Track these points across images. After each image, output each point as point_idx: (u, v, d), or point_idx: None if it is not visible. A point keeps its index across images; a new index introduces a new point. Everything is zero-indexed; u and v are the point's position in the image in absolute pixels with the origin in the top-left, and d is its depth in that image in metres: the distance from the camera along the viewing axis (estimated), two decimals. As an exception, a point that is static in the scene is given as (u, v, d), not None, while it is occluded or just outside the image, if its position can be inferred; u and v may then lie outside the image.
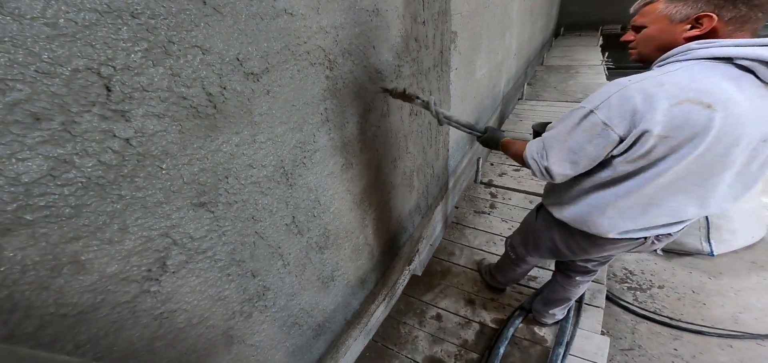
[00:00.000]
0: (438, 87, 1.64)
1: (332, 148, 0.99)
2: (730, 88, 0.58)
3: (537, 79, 4.84)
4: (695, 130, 0.61)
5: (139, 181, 0.51)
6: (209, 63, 0.56)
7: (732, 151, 0.63)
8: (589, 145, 0.70)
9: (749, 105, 0.59)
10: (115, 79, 0.44)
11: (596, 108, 0.68)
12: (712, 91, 0.59)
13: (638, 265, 2.11)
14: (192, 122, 0.56)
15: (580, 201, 0.85)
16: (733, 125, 0.60)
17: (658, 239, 0.86)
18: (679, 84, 0.60)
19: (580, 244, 0.96)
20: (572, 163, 0.74)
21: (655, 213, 0.76)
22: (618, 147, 0.68)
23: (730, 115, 0.59)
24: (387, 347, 1.59)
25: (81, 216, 0.46)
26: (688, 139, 0.62)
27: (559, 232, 1.01)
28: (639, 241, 0.86)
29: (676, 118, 0.60)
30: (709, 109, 0.59)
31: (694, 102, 0.59)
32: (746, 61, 0.58)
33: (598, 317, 1.60)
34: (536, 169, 0.80)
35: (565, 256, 1.08)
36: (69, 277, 0.49)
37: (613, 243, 0.88)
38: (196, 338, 0.76)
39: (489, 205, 2.43)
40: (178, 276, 0.66)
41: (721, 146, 0.62)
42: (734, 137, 0.61)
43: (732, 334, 1.68)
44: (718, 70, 0.60)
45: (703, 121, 0.59)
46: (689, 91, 0.59)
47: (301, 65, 0.78)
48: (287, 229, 0.90)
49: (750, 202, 1.98)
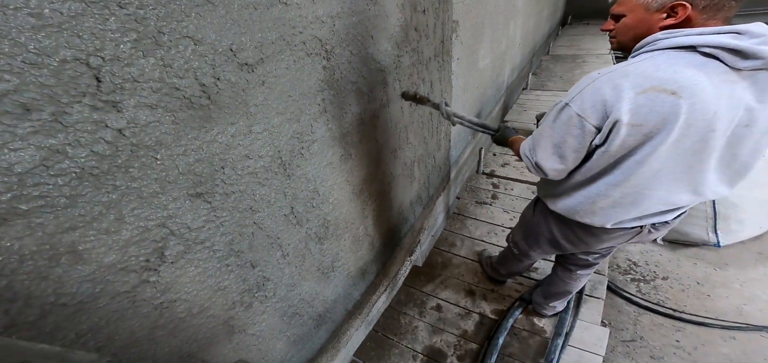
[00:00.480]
0: (439, 77, 1.62)
1: (331, 139, 0.98)
2: (695, 75, 0.60)
3: (542, 69, 4.75)
4: (663, 117, 0.62)
5: (133, 171, 0.51)
6: (202, 54, 0.56)
7: (710, 136, 0.64)
8: (569, 137, 0.73)
9: (716, 91, 0.60)
10: (104, 69, 0.44)
11: (571, 101, 0.71)
12: (675, 78, 0.60)
13: (643, 256, 2.09)
14: (186, 113, 0.56)
15: (573, 193, 0.86)
16: (702, 111, 0.61)
17: (654, 227, 0.88)
18: (643, 73, 0.63)
19: (579, 236, 0.97)
20: (559, 157, 0.77)
21: (646, 202, 0.77)
22: (597, 138, 0.70)
23: (698, 101, 0.60)
24: (387, 337, 1.61)
25: (76, 206, 0.46)
26: (659, 127, 0.64)
27: (557, 225, 1.02)
28: (634, 230, 0.88)
29: (642, 105, 0.63)
30: (674, 96, 0.60)
31: (659, 90, 0.61)
32: (709, 48, 0.60)
33: (598, 308, 1.60)
34: (529, 164, 0.84)
35: (565, 249, 1.08)
36: (67, 266, 0.49)
37: (610, 233, 0.89)
38: (197, 327, 0.77)
39: (491, 196, 2.42)
40: (177, 266, 0.66)
41: (695, 132, 0.64)
42: (707, 122, 0.62)
43: (735, 325, 1.66)
44: (683, 58, 0.62)
45: (669, 108, 0.61)
46: (653, 79, 0.62)
47: (297, 55, 0.77)
48: (286, 220, 0.91)
49: (760, 192, 1.92)
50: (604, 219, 0.84)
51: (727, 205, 1.92)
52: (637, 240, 0.93)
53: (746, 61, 0.58)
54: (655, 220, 0.84)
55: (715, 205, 1.93)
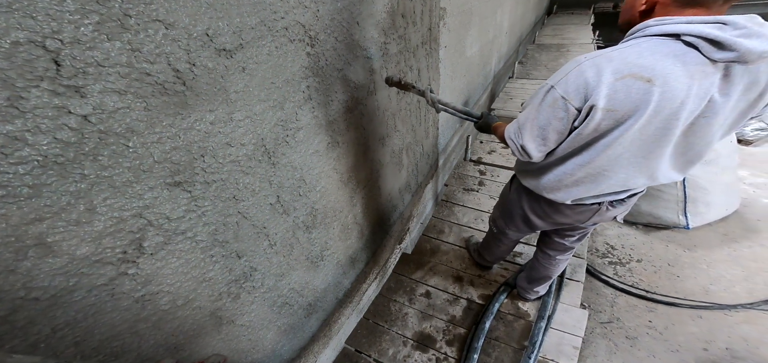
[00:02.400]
0: (427, 65, 1.61)
1: (316, 127, 0.96)
2: (671, 64, 0.61)
3: (528, 58, 4.79)
4: (636, 104, 0.64)
5: (103, 159, 0.49)
6: (174, 38, 0.53)
7: (672, 125, 0.67)
8: (554, 119, 0.74)
9: (689, 81, 0.61)
10: (64, 53, 0.41)
11: (556, 83, 0.72)
12: (653, 66, 0.62)
13: (619, 239, 2.18)
14: (159, 99, 0.53)
15: (545, 171, 0.91)
16: (670, 99, 0.63)
17: (612, 205, 0.94)
18: (625, 59, 0.64)
19: (545, 211, 1.04)
20: (542, 139, 0.79)
21: (606, 182, 0.82)
22: (577, 120, 0.72)
23: (669, 89, 0.62)
24: (378, 324, 1.63)
25: (41, 196, 0.43)
26: (630, 112, 0.65)
27: (527, 200, 1.08)
28: (594, 207, 0.95)
29: (618, 91, 0.64)
30: (648, 83, 0.62)
31: (636, 77, 0.62)
32: (691, 37, 0.60)
33: (578, 291, 1.67)
34: (514, 148, 0.85)
35: (535, 224, 1.14)
36: (36, 259, 0.47)
37: (572, 209, 0.96)
38: (183, 319, 0.75)
39: (478, 183, 2.45)
40: (157, 258, 0.64)
41: (660, 119, 0.66)
42: (673, 110, 0.64)
43: (702, 305, 1.77)
44: (666, 46, 0.63)
45: (642, 95, 0.63)
46: (633, 66, 0.63)
47: (279, 42, 0.74)
48: (272, 209, 0.89)
49: (726, 175, 2.03)
50: (566, 195, 0.89)
51: (697, 188, 2.02)
52: (598, 217, 1.00)
53: (721, 53, 0.59)
54: (611, 198, 0.91)
55: (686, 189, 2.02)
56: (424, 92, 1.13)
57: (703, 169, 1.97)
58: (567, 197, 0.90)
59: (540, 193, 0.96)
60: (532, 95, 0.81)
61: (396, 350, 1.52)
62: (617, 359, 1.58)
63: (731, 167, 2.03)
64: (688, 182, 2.00)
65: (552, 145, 0.80)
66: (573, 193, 0.88)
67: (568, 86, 0.70)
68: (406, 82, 1.16)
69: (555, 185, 0.89)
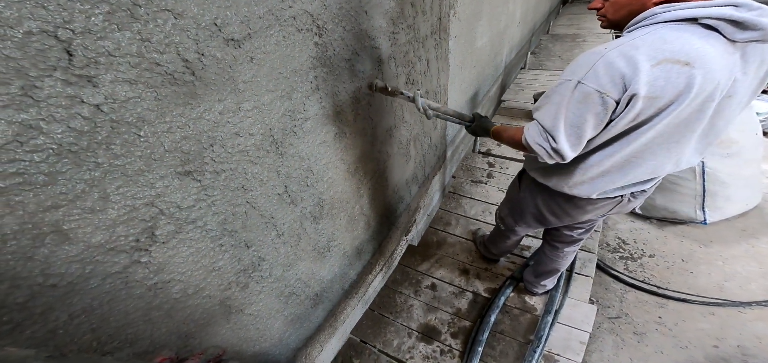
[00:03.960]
0: (436, 55, 1.58)
1: (324, 117, 0.96)
2: (704, 46, 0.60)
3: (541, 48, 4.67)
4: (679, 90, 0.62)
5: (115, 148, 0.49)
6: (183, 28, 0.52)
7: (707, 107, 0.66)
8: (589, 115, 0.69)
9: (721, 62, 0.61)
10: (75, 42, 0.41)
11: (583, 78, 0.67)
12: (687, 50, 0.60)
13: (631, 234, 2.14)
14: (169, 89, 0.53)
15: (568, 167, 0.85)
16: (710, 81, 0.62)
17: (633, 196, 0.90)
18: (653, 45, 0.62)
19: (563, 207, 0.98)
20: (577, 137, 0.72)
21: (635, 172, 0.79)
22: (614, 111, 0.68)
23: (709, 71, 0.61)
24: (383, 315, 1.64)
25: (57, 183, 0.44)
26: (673, 98, 0.63)
27: (542, 197, 1.03)
28: (616, 199, 0.90)
29: (658, 78, 0.62)
30: (687, 66, 0.60)
31: (672, 61, 0.60)
32: (711, 20, 0.60)
33: (587, 286, 1.65)
34: (544, 153, 0.76)
35: (549, 222, 1.10)
36: (53, 247, 0.48)
37: (594, 203, 0.91)
38: (194, 308, 0.77)
39: (486, 175, 2.43)
40: (169, 246, 0.66)
41: (698, 103, 0.65)
42: (710, 93, 0.64)
43: (715, 301, 1.73)
44: (687, 30, 0.61)
45: (685, 79, 0.61)
46: (664, 51, 0.61)
47: (286, 31, 0.73)
48: (280, 199, 0.90)
49: (749, 168, 1.95)
50: (591, 189, 0.85)
51: (716, 182, 1.95)
52: (617, 210, 0.95)
53: (744, 33, 0.59)
54: (635, 189, 0.86)
55: (705, 183, 1.96)
56: (413, 98, 1.06)
57: (725, 162, 1.89)
58: (592, 191, 0.85)
59: (560, 189, 0.91)
60: (548, 94, 0.76)
61: (400, 341, 1.54)
62: (624, 355, 1.57)
63: (755, 160, 1.94)
64: (708, 176, 1.93)
65: (584, 142, 0.74)
66: (599, 185, 0.83)
67: (600, 79, 0.65)
68: (392, 88, 1.08)
69: (579, 179, 0.84)
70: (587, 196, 0.87)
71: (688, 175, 1.96)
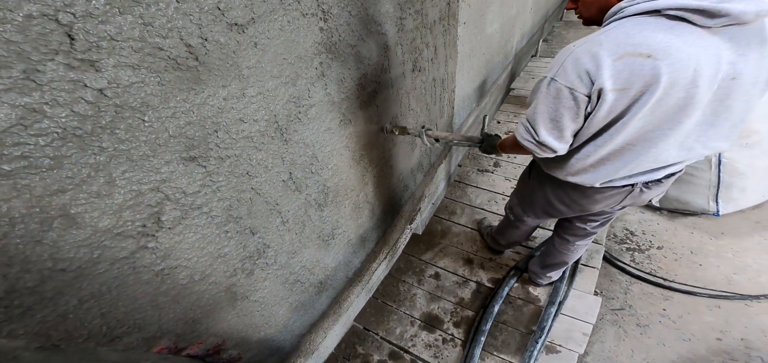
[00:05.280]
0: (444, 42, 1.54)
1: (329, 104, 0.95)
2: (664, 37, 0.61)
3: (554, 35, 4.53)
4: (645, 80, 0.64)
5: (120, 133, 0.49)
6: (186, 12, 0.51)
7: (694, 92, 0.65)
8: (564, 110, 0.73)
9: (691, 49, 0.61)
10: (76, 26, 0.40)
11: (555, 75, 0.72)
12: (648, 42, 0.62)
13: (640, 225, 2.11)
14: (172, 74, 0.53)
15: (568, 156, 0.88)
16: (683, 69, 0.62)
17: (646, 186, 0.90)
18: (615, 40, 0.65)
19: (572, 197, 1.00)
20: (558, 130, 0.77)
21: (637, 160, 0.79)
22: (589, 105, 0.72)
23: (675, 60, 0.61)
24: (387, 304, 1.66)
25: (62, 167, 0.44)
26: (644, 88, 0.65)
27: (551, 187, 1.04)
28: (626, 189, 0.90)
29: (621, 71, 0.64)
30: (650, 58, 0.62)
31: (634, 54, 0.63)
32: (673, 10, 0.61)
33: (592, 278, 1.64)
34: (534, 148, 0.83)
35: (559, 212, 1.11)
36: (61, 231, 0.49)
37: (601, 192, 0.92)
38: (200, 294, 0.78)
39: (493, 163, 2.40)
40: (175, 232, 0.66)
41: (680, 89, 0.65)
42: (690, 79, 0.63)
43: (722, 294, 1.70)
44: (650, 23, 0.63)
45: (650, 70, 0.62)
46: (626, 45, 0.63)
47: (291, 16, 0.72)
48: (284, 186, 0.90)
49: (766, 159, 1.88)
50: (594, 177, 0.86)
51: (733, 173, 1.88)
52: (631, 200, 0.95)
53: (713, 20, 0.60)
54: (646, 178, 0.86)
55: (721, 173, 1.90)
56: (420, 134, 1.18)
57: (743, 153, 1.82)
58: (595, 179, 0.86)
59: (566, 178, 0.92)
60: (532, 91, 0.81)
61: (403, 329, 1.56)
62: (625, 346, 1.56)
63: None
64: (724, 167, 1.87)
65: (569, 135, 0.78)
66: (601, 174, 0.84)
67: (568, 76, 0.70)
68: (400, 128, 1.21)
69: (579, 167, 0.86)
70: (591, 184, 0.88)
71: (703, 165, 1.91)
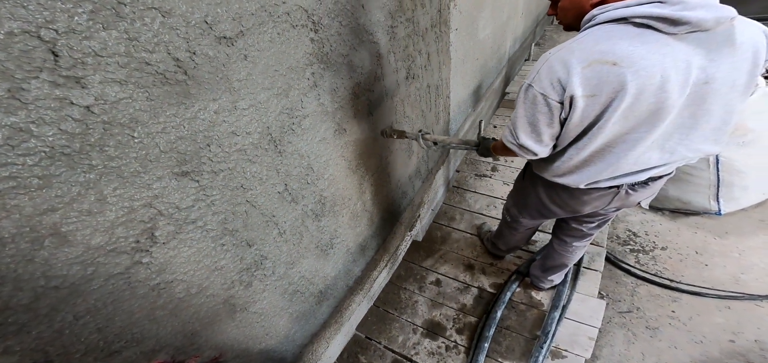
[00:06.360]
0: (436, 49, 1.55)
1: (323, 114, 0.95)
2: (629, 45, 0.63)
3: (546, 39, 4.57)
4: (613, 87, 0.66)
5: (109, 150, 0.49)
6: (172, 26, 0.52)
7: (665, 98, 0.66)
8: (540, 115, 0.76)
9: (656, 56, 0.63)
10: (60, 43, 0.41)
11: (532, 82, 0.75)
12: (613, 50, 0.64)
13: (642, 226, 2.08)
14: (161, 89, 0.53)
15: (554, 158, 0.90)
16: (648, 77, 0.64)
17: (632, 188, 0.91)
18: (585, 48, 0.67)
19: (562, 198, 1.02)
20: (536, 134, 0.80)
21: (619, 163, 0.80)
22: (563, 111, 0.74)
23: (640, 67, 0.63)
24: (388, 312, 1.64)
25: (52, 187, 0.45)
26: (613, 94, 0.67)
27: (543, 188, 1.06)
28: (612, 190, 0.92)
29: (590, 78, 0.66)
30: (616, 66, 0.64)
31: (601, 62, 0.65)
32: (639, 18, 0.63)
33: (595, 281, 1.62)
34: (516, 150, 0.86)
35: (552, 212, 1.12)
36: (53, 249, 0.49)
37: (588, 193, 0.94)
38: (198, 307, 0.78)
39: (491, 168, 2.40)
40: (170, 247, 0.66)
41: (649, 95, 0.66)
42: (658, 86, 0.65)
43: (731, 295, 1.67)
44: (618, 30, 0.65)
45: (616, 77, 0.64)
46: (594, 52, 0.66)
47: (281, 28, 0.73)
48: (280, 197, 0.90)
49: (764, 157, 1.86)
50: (579, 178, 0.88)
51: (732, 172, 1.87)
52: (619, 202, 0.97)
53: (676, 27, 0.61)
54: (630, 180, 0.87)
55: (719, 173, 1.89)
56: (417, 138, 1.19)
57: (741, 151, 1.82)
58: (580, 180, 0.88)
59: (553, 179, 0.94)
60: (517, 95, 0.83)
61: (406, 338, 1.53)
62: (635, 349, 1.53)
63: None
64: (723, 165, 1.86)
65: (548, 139, 0.81)
66: (585, 175, 0.86)
67: (542, 83, 0.72)
68: (399, 132, 1.23)
69: (564, 169, 0.88)
70: (576, 185, 0.90)
71: (702, 164, 1.90)
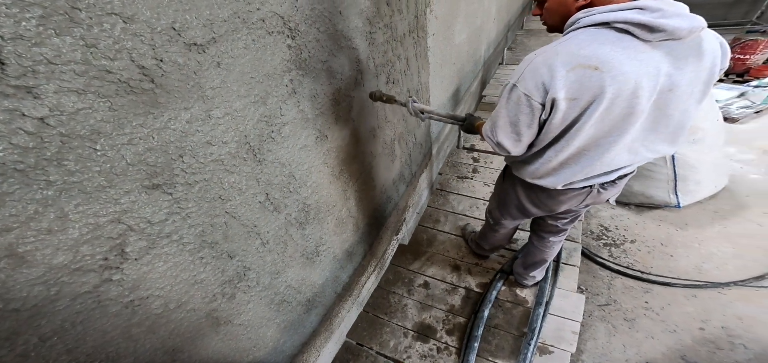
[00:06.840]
0: (415, 54, 1.58)
1: (303, 121, 0.94)
2: (610, 51, 0.65)
3: (517, 44, 4.75)
4: (594, 91, 0.67)
5: (69, 164, 0.46)
6: (135, 33, 0.50)
7: (635, 103, 0.69)
8: (521, 115, 0.77)
9: (634, 63, 0.65)
10: (6, 49, 0.38)
11: (517, 82, 0.75)
12: (596, 54, 0.66)
13: (613, 220, 2.19)
14: (125, 98, 0.51)
15: (532, 161, 0.93)
16: (623, 82, 0.66)
17: (603, 187, 0.96)
18: (569, 52, 0.68)
19: (540, 198, 1.05)
20: (516, 134, 0.81)
21: (593, 165, 0.83)
22: (543, 113, 0.75)
23: (619, 73, 0.65)
24: (378, 317, 1.63)
25: (4, 205, 0.41)
26: (592, 98, 0.69)
27: (522, 189, 1.09)
28: (585, 190, 0.96)
29: (573, 82, 0.68)
30: (597, 71, 0.66)
31: (585, 66, 0.66)
32: (620, 24, 0.65)
33: (574, 276, 1.67)
34: (491, 145, 0.89)
35: (530, 212, 1.16)
36: (10, 271, 0.45)
37: (564, 194, 0.98)
38: (178, 322, 0.74)
39: (472, 170, 2.44)
40: (143, 262, 0.63)
41: (623, 100, 0.69)
42: (631, 91, 0.67)
43: (696, 284, 1.77)
44: (601, 35, 0.67)
45: (597, 81, 0.66)
46: (579, 57, 0.67)
47: (255, 34, 0.71)
48: (261, 207, 0.88)
49: (713, 153, 2.04)
50: (556, 180, 0.91)
51: (686, 167, 2.02)
52: (591, 200, 1.01)
53: (653, 34, 0.63)
54: (601, 180, 0.92)
55: (675, 168, 2.03)
56: (406, 104, 1.17)
57: (691, 148, 1.99)
58: (557, 181, 0.91)
59: (532, 181, 0.97)
60: (500, 92, 0.85)
61: (397, 342, 1.53)
62: (617, 341, 1.59)
63: (718, 145, 2.05)
64: (678, 161, 2.01)
65: (526, 139, 0.82)
66: (562, 177, 0.89)
67: (526, 84, 0.73)
68: (388, 96, 1.21)
69: (543, 171, 0.91)
70: (553, 186, 0.93)
71: (660, 161, 2.06)
